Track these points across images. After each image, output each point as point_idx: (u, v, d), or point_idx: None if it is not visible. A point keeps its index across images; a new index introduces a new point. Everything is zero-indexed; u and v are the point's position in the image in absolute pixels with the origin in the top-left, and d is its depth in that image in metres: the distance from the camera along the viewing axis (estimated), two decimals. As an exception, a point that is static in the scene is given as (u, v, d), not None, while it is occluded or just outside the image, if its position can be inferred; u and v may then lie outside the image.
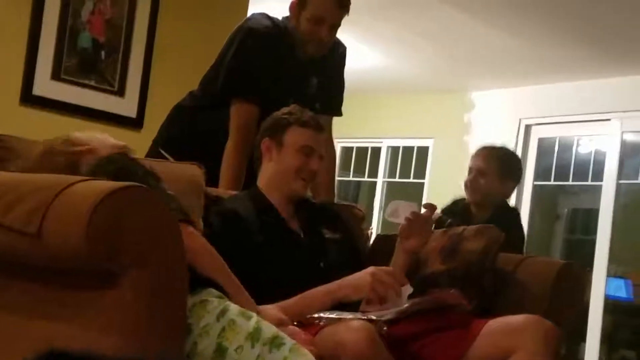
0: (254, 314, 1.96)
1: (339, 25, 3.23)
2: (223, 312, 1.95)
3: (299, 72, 3.27)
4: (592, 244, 6.65)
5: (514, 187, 3.39)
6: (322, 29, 3.16)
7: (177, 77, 4.28)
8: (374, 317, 2.19)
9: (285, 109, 2.66)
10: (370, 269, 2.34)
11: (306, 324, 2.18)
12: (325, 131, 2.72)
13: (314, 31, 3.17)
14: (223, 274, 2.10)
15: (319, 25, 3.16)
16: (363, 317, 2.16)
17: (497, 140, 7.11)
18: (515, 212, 3.54)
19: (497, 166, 3.29)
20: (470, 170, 3.35)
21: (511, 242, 2.91)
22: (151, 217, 1.70)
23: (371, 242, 3.07)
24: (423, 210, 2.63)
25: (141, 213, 1.68)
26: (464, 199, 3.42)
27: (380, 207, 8.24)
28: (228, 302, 2.00)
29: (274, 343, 1.86)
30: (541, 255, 7.97)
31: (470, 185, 3.33)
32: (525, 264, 2.70)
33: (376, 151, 8.41)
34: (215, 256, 2.12)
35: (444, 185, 3.28)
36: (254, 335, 1.88)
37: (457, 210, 3.35)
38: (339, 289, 2.33)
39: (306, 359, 1.85)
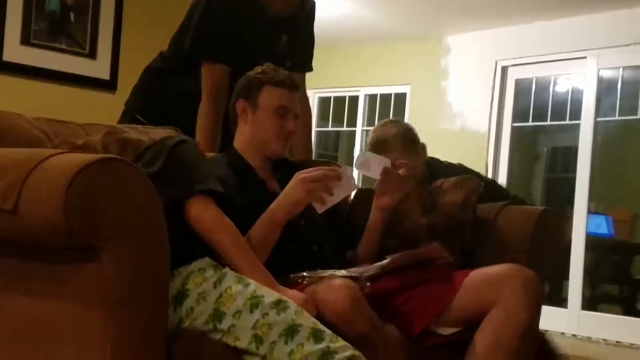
0: (252, 281, 1.98)
1: None
2: (220, 279, 1.99)
3: (268, 29, 3.22)
4: (573, 181, 6.68)
5: (424, 146, 3.06)
6: None
7: (149, 36, 4.23)
8: (356, 275, 2.21)
9: (258, 69, 2.61)
10: (298, 177, 2.30)
11: (289, 284, 2.19)
12: (299, 89, 2.68)
13: None
14: (237, 251, 2.12)
15: None
16: (345, 275, 2.17)
17: (475, 83, 7.19)
18: (437, 162, 3.19)
19: (404, 145, 2.98)
20: None
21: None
22: (127, 188, 1.69)
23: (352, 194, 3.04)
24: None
25: (117, 185, 1.68)
26: None
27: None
28: (225, 270, 2.03)
29: (280, 307, 1.90)
30: (523, 195, 8.05)
31: None
32: (504, 213, 2.71)
33: (354, 100, 8.38)
34: (228, 231, 2.13)
35: (422, 131, 3.16)
36: (253, 301, 1.91)
37: None
38: (283, 214, 2.30)
39: (311, 321, 1.89)
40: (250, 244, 2.24)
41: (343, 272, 2.21)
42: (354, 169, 2.55)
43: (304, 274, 2.21)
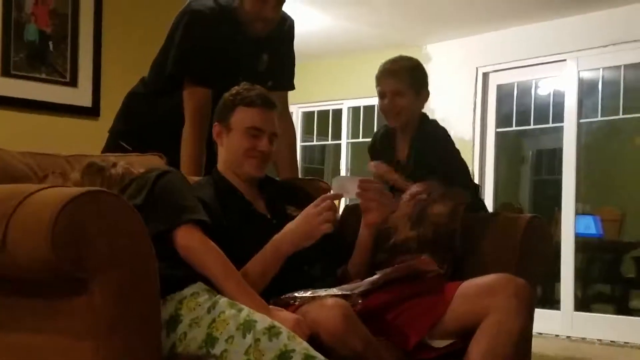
0: (245, 307, 1.97)
1: (284, 0, 3.19)
2: (214, 304, 1.98)
3: (248, 50, 3.23)
4: (559, 183, 6.71)
5: (428, 95, 3.03)
6: (267, 7, 3.12)
7: (130, 61, 4.23)
8: (347, 292, 2.21)
9: (233, 90, 2.59)
10: (305, 211, 2.36)
11: (281, 305, 2.19)
12: (277, 107, 2.64)
13: (259, 10, 3.13)
14: (225, 277, 2.11)
15: (263, 4, 3.12)
16: (337, 293, 2.17)
17: (457, 91, 7.22)
18: (441, 128, 3.11)
19: (411, 79, 2.97)
20: (383, 94, 2.96)
21: (446, 159, 2.91)
22: (113, 220, 1.70)
23: (340, 207, 3.04)
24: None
25: (103, 217, 1.68)
26: (384, 126, 3.13)
27: (347, 169, 8.26)
28: (219, 296, 2.02)
29: (272, 332, 1.89)
30: (510, 199, 8.02)
31: (389, 109, 2.95)
32: (492, 222, 2.72)
33: (337, 113, 8.40)
34: (215, 257, 2.11)
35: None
36: (246, 326, 1.90)
37: (380, 142, 3.09)
38: (290, 246, 2.33)
39: (303, 347, 1.88)
40: (251, 274, 2.26)
41: (334, 290, 2.21)
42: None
43: (296, 294, 2.20)
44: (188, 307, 1.99)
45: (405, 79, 2.96)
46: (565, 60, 6.66)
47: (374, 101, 8.10)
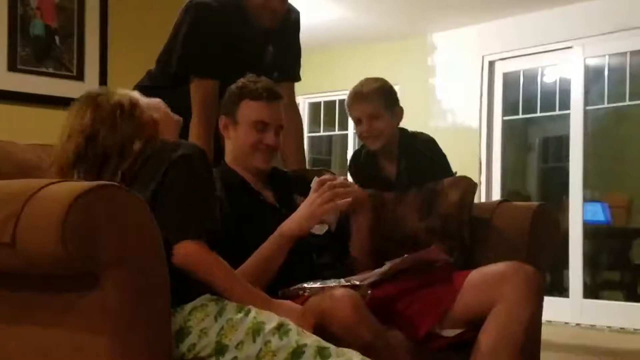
0: (252, 309, 1.94)
1: None
2: (221, 311, 1.94)
3: (253, 42, 3.22)
4: (567, 170, 6.70)
5: (402, 110, 3.05)
6: None
7: (136, 54, 4.22)
8: (357, 282, 2.21)
9: (239, 82, 2.61)
10: (309, 199, 2.39)
11: (290, 296, 2.20)
12: (283, 98, 2.66)
13: (266, 3, 3.12)
14: (228, 282, 2.03)
15: None
16: (346, 284, 2.18)
17: (463, 80, 7.21)
18: (420, 136, 3.13)
19: (384, 99, 2.97)
20: (358, 120, 2.97)
21: (436, 167, 2.89)
22: (123, 214, 1.69)
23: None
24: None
25: (113, 212, 1.67)
26: (363, 149, 3.11)
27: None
28: (226, 302, 1.97)
29: (281, 331, 1.88)
30: (518, 187, 7.98)
31: (368, 134, 2.96)
32: (500, 210, 2.72)
33: (344, 103, 8.38)
34: (215, 265, 2.02)
35: (414, 129, 3.17)
36: (254, 330, 1.88)
37: (363, 164, 3.08)
38: (292, 229, 2.36)
39: (314, 339, 1.89)
40: (257, 260, 2.28)
41: (343, 281, 2.21)
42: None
43: (305, 285, 2.21)
44: (197, 318, 1.93)
45: (378, 100, 2.96)
46: (571, 47, 6.63)
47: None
